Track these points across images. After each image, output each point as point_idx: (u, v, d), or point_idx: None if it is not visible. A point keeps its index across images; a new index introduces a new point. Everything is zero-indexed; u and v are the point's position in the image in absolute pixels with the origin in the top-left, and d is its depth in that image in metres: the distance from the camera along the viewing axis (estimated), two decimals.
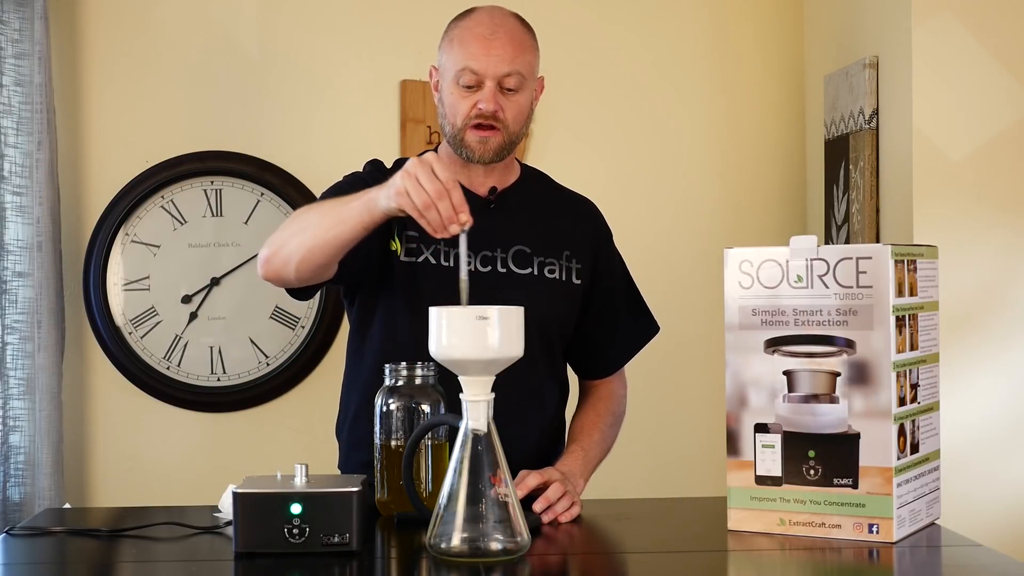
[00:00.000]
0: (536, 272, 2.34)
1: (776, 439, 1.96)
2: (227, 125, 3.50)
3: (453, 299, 1.93)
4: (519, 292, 2.27)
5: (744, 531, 1.98)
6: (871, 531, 1.90)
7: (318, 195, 2.57)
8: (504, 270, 2.33)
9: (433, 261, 2.31)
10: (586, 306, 2.41)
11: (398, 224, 2.28)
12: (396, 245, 2.31)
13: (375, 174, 2.35)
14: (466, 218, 1.94)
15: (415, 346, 2.21)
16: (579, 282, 2.38)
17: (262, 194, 3.49)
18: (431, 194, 1.94)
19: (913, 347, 1.96)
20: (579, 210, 2.46)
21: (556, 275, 2.35)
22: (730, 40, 3.60)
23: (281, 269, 2.20)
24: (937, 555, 1.93)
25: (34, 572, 1.91)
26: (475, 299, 1.93)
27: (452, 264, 2.29)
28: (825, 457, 1.93)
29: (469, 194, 2.32)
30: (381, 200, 2.04)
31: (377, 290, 2.33)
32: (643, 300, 2.51)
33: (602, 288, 2.42)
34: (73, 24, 3.48)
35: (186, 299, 3.48)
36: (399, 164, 2.43)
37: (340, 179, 2.40)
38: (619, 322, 2.45)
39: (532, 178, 2.46)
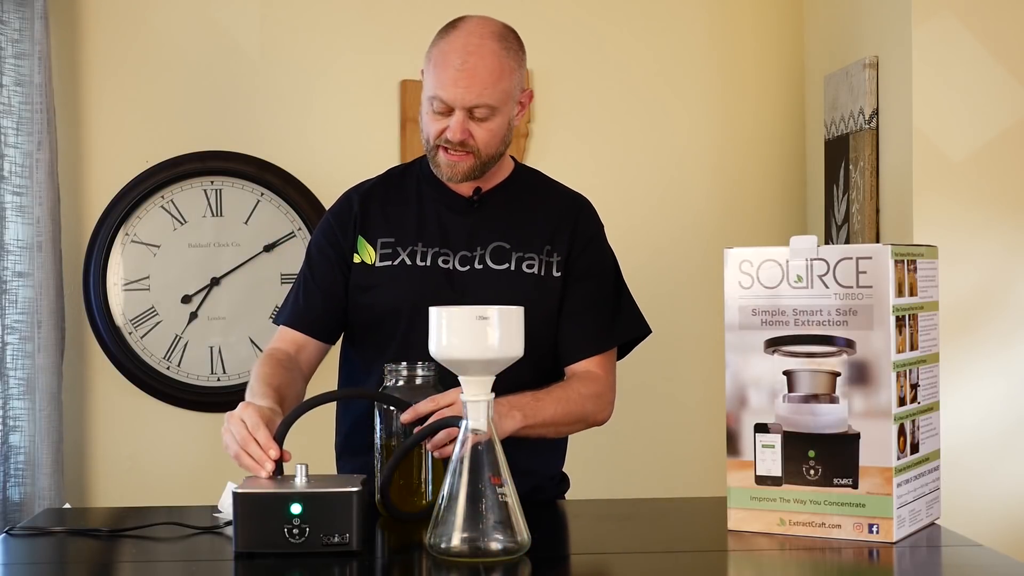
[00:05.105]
0: (513, 267, 2.35)
1: (776, 439, 1.96)
2: (227, 125, 3.50)
3: (434, 297, 2.01)
4: (495, 287, 2.31)
5: (744, 531, 1.98)
6: (871, 531, 1.90)
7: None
8: (481, 267, 2.34)
9: (409, 262, 2.35)
10: (561, 297, 2.39)
11: (364, 234, 2.36)
12: (366, 256, 2.36)
13: (344, 213, 2.41)
14: (275, 453, 1.96)
15: (404, 347, 2.22)
16: (559, 275, 2.38)
17: (262, 194, 3.49)
18: (239, 441, 1.99)
19: (913, 347, 1.96)
20: (563, 205, 2.45)
21: (534, 270, 2.36)
22: (730, 40, 3.60)
23: None
24: (937, 555, 1.93)
25: (34, 572, 1.91)
26: (453, 297, 1.94)
27: (429, 263, 2.34)
28: (825, 457, 1.92)
29: (455, 195, 2.36)
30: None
31: (358, 302, 2.38)
32: (630, 302, 2.43)
33: (571, 280, 2.38)
34: (73, 24, 3.48)
35: (186, 299, 3.48)
36: (388, 174, 2.48)
37: (319, 226, 2.47)
38: (580, 317, 2.38)
39: (523, 176, 2.47)
